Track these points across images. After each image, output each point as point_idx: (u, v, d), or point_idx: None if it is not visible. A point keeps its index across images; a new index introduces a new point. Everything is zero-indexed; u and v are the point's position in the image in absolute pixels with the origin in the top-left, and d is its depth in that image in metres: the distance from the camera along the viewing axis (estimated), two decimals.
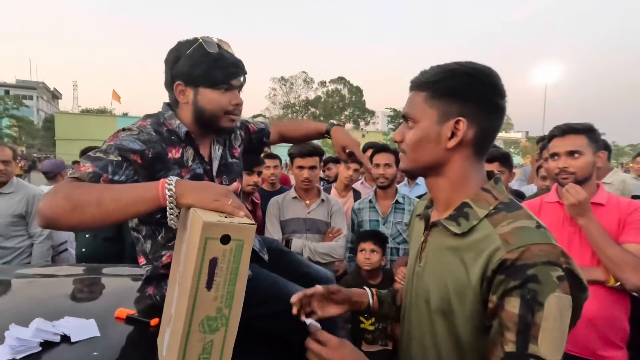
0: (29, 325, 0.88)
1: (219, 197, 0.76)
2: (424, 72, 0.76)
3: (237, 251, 0.67)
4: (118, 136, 0.98)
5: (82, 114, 40.57)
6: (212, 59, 1.04)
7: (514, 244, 0.65)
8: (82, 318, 0.97)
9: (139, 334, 0.97)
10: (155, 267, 1.09)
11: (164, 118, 1.10)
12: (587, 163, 1.40)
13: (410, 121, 0.77)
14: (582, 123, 1.44)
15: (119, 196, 0.78)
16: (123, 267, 1.57)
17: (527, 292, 0.63)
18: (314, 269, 1.41)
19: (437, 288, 0.75)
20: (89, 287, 1.36)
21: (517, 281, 0.63)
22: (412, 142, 0.76)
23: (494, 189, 0.75)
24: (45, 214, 0.77)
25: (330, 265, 2.14)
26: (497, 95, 0.73)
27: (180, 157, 1.07)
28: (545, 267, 0.63)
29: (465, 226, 0.72)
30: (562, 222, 1.47)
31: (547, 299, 0.62)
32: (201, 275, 0.65)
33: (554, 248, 0.65)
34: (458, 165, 0.75)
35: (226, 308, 0.69)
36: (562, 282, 0.63)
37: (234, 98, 1.08)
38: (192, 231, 0.71)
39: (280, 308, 1.09)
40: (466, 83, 0.72)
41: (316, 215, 2.18)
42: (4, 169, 2.30)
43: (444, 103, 0.73)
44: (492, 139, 0.76)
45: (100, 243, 2.38)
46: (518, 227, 0.68)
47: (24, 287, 1.31)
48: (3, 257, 2.31)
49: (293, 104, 56.98)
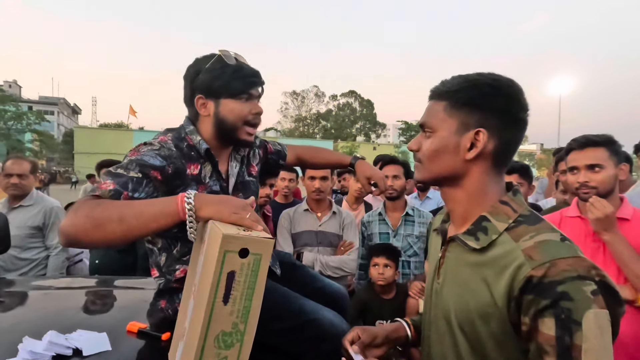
0: (42, 337, 0.88)
1: (237, 210, 0.76)
2: (444, 82, 0.75)
3: (255, 265, 0.66)
4: (139, 151, 0.99)
5: (100, 129, 41.85)
6: (232, 70, 1.07)
7: (539, 260, 0.62)
8: (94, 331, 0.97)
9: (150, 348, 0.96)
10: (168, 280, 1.08)
11: (185, 133, 1.11)
12: (608, 177, 1.34)
13: (427, 130, 0.75)
14: (601, 135, 1.38)
15: (140, 212, 0.79)
16: (136, 280, 1.57)
17: (560, 312, 0.59)
18: (327, 284, 1.39)
19: (459, 307, 0.72)
20: (102, 300, 1.37)
21: (548, 300, 0.60)
22: (430, 151, 0.74)
23: (513, 201, 0.72)
24: (67, 232, 0.78)
25: (343, 280, 2.10)
26: (520, 108, 0.71)
27: (198, 174, 1.08)
28: (575, 282, 0.60)
29: (485, 241, 0.69)
30: (585, 237, 1.42)
31: (584, 317, 0.58)
32: (218, 288, 0.65)
33: (582, 261, 0.62)
34: (476, 177, 0.73)
35: (242, 323, 0.68)
36: (596, 296, 0.59)
37: (254, 107, 1.11)
38: (210, 244, 0.70)
39: (292, 324, 1.07)
40: (488, 94, 0.70)
41: (328, 228, 2.16)
42: (19, 183, 2.32)
43: (465, 113, 0.71)
44: (513, 152, 0.74)
45: (113, 255, 2.39)
46: (541, 240, 0.64)
47: (38, 299, 1.32)
48: (20, 269, 2.33)
49: (304, 118, 57.56)
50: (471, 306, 0.69)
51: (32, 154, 31.32)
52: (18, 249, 2.29)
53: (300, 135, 51.81)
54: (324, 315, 1.13)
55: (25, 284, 1.50)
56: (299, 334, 1.05)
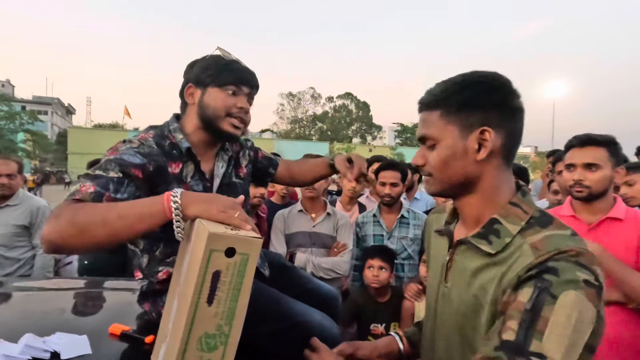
0: (18, 340, 0.85)
1: (225, 208, 0.73)
2: (431, 91, 0.73)
3: (242, 265, 0.64)
4: (118, 149, 0.96)
5: (94, 129, 41.55)
6: (225, 62, 1.07)
7: (543, 249, 0.60)
8: (74, 334, 0.93)
9: (133, 351, 0.93)
10: (151, 282, 1.05)
11: (168, 130, 1.08)
12: (604, 177, 1.33)
13: (429, 142, 0.72)
14: (604, 135, 1.36)
15: (125, 213, 0.75)
16: (121, 281, 1.53)
17: (541, 282, 0.57)
18: (318, 285, 1.36)
19: (470, 310, 0.69)
20: (86, 302, 1.33)
21: (534, 271, 0.58)
22: (439, 162, 0.71)
23: (523, 203, 0.70)
24: (50, 239, 0.74)
25: (336, 282, 2.08)
26: (515, 97, 0.70)
27: (179, 173, 1.04)
28: (570, 264, 0.57)
29: (498, 244, 0.67)
30: None
31: (563, 293, 0.55)
32: (203, 288, 0.62)
33: (588, 255, 0.59)
34: (491, 176, 0.71)
35: (226, 325, 0.65)
36: (589, 287, 0.56)
37: (240, 102, 1.08)
38: (196, 242, 0.68)
39: (280, 326, 1.05)
40: (481, 91, 0.69)
41: (322, 229, 2.14)
42: (8, 183, 2.33)
43: (463, 116, 0.69)
44: (519, 142, 0.73)
45: (102, 256, 2.36)
46: (550, 234, 0.63)
47: (19, 300, 1.28)
48: (6, 268, 2.31)
49: (301, 119, 57.63)
50: (482, 310, 0.67)
51: (25, 154, 31.02)
52: (4, 247, 2.31)
53: (296, 137, 51.80)
54: (313, 318, 1.10)
55: (8, 285, 1.46)
56: (288, 337, 1.02)
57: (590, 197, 1.36)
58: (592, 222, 1.39)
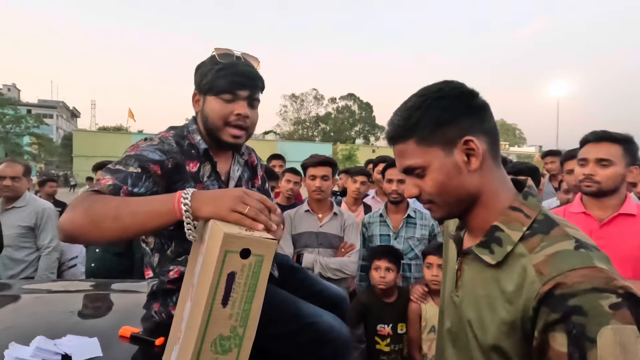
0: (30, 343, 0.85)
1: (235, 206, 0.72)
2: (394, 122, 0.72)
3: (257, 267, 0.63)
4: (139, 146, 0.98)
5: (99, 132, 41.82)
6: (220, 68, 1.03)
7: (548, 274, 0.58)
8: (85, 336, 0.93)
9: (143, 354, 0.92)
10: (161, 281, 1.05)
11: (187, 131, 1.10)
12: (615, 174, 1.31)
13: (417, 171, 0.71)
14: (621, 133, 1.35)
15: (136, 210, 0.76)
16: (130, 283, 1.53)
17: (572, 327, 0.54)
18: (326, 287, 1.35)
19: (478, 323, 0.68)
20: (94, 304, 1.33)
21: (559, 314, 0.55)
22: (436, 187, 0.69)
23: (525, 206, 0.68)
24: (65, 229, 0.76)
25: (343, 282, 2.07)
26: (476, 97, 0.70)
27: (196, 172, 1.06)
28: (590, 295, 0.54)
29: (500, 254, 0.65)
30: (589, 234, 1.38)
31: (599, 334, 0.53)
32: (217, 290, 0.61)
33: (599, 272, 0.56)
34: (488, 181, 0.70)
35: (241, 327, 0.64)
36: (618, 310, 0.53)
37: (239, 108, 1.03)
38: (210, 243, 0.67)
39: (290, 328, 1.04)
40: (446, 105, 0.68)
41: (328, 229, 2.13)
42: (11, 185, 2.37)
43: (440, 135, 0.68)
44: (499, 138, 0.73)
45: (110, 258, 2.37)
46: (552, 253, 0.60)
47: (28, 303, 1.28)
48: (13, 269, 2.36)
49: (304, 120, 57.71)
50: (490, 324, 0.65)
51: (30, 158, 31.28)
52: (10, 248, 2.34)
53: (299, 138, 51.87)
54: (323, 319, 1.09)
55: (15, 288, 1.46)
56: (297, 338, 1.01)
57: (599, 192, 1.35)
58: (603, 218, 1.37)
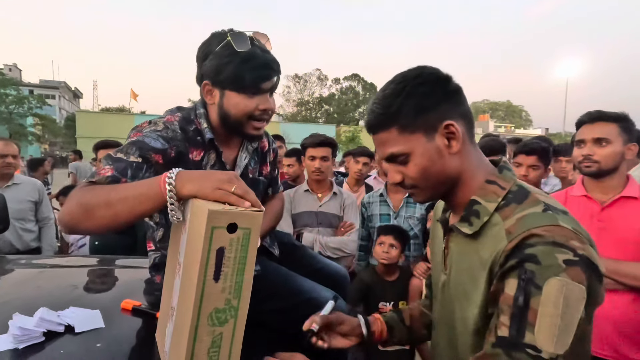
0: (33, 315, 0.86)
1: (221, 184, 0.69)
2: (373, 111, 0.72)
3: (245, 240, 0.63)
4: (142, 131, 0.95)
5: (102, 113, 41.69)
6: (241, 60, 0.95)
7: (515, 233, 0.61)
8: (87, 309, 0.95)
9: (145, 326, 0.95)
10: (163, 255, 1.06)
11: (194, 115, 1.05)
12: (614, 153, 1.30)
13: (401, 158, 0.72)
14: (615, 112, 1.34)
15: (125, 196, 0.74)
16: (132, 259, 1.55)
17: (523, 273, 0.58)
18: (327, 264, 1.37)
19: (466, 297, 0.70)
20: (97, 279, 1.36)
21: (515, 260, 0.59)
22: (420, 172, 0.71)
23: (500, 179, 0.71)
24: (64, 220, 0.77)
25: (343, 261, 2.09)
26: (451, 81, 0.72)
27: (199, 161, 1.03)
28: (548, 247, 0.58)
29: (477, 224, 0.68)
30: (590, 217, 1.38)
31: (547, 282, 0.56)
32: (208, 266, 0.61)
33: (561, 229, 0.59)
34: (466, 161, 0.72)
35: (235, 299, 0.65)
36: (571, 266, 0.56)
37: (263, 102, 0.99)
38: (194, 221, 0.67)
39: (289, 303, 1.06)
40: (425, 92, 0.69)
41: (328, 208, 2.13)
42: (14, 163, 2.59)
43: (422, 121, 0.69)
44: (473, 119, 0.75)
45: (112, 236, 2.40)
46: (522, 216, 0.63)
47: (31, 277, 1.31)
48: (24, 239, 2.61)
49: (307, 102, 57.12)
50: (474, 295, 0.67)
51: (34, 139, 31.37)
52: (22, 221, 2.59)
53: (302, 120, 51.48)
54: (322, 295, 1.11)
55: (19, 262, 1.49)
56: (297, 313, 1.03)
57: (599, 172, 1.34)
58: (604, 201, 1.36)
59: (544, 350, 0.55)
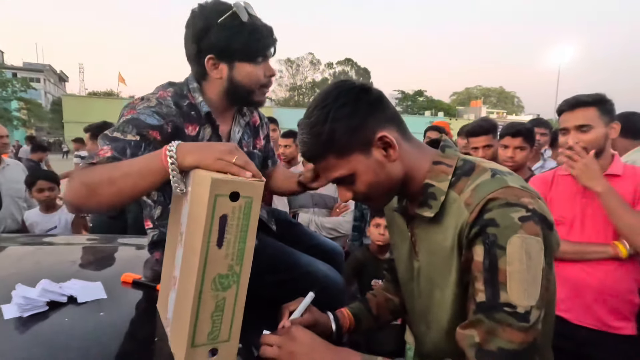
0: (35, 286, 0.88)
1: (222, 155, 0.70)
2: (305, 143, 0.73)
3: (247, 208, 0.65)
4: (135, 108, 0.94)
5: (89, 97, 40.68)
6: (249, 30, 0.98)
7: (473, 203, 0.64)
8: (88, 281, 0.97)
9: (146, 297, 0.97)
10: (161, 232, 1.08)
11: (187, 89, 1.04)
12: (597, 136, 1.34)
13: (346, 179, 0.74)
14: (592, 94, 1.37)
15: (128, 171, 0.75)
16: (128, 237, 1.57)
17: (487, 237, 0.62)
18: (323, 241, 1.40)
19: (442, 278, 0.73)
20: (95, 255, 1.37)
21: (477, 228, 0.63)
22: (368, 187, 0.73)
23: (444, 157, 0.75)
24: (69, 200, 0.78)
25: (337, 241, 2.13)
26: (370, 91, 0.72)
27: (195, 136, 1.03)
28: (503, 208, 0.61)
29: (436, 205, 0.71)
30: (575, 194, 1.44)
31: (508, 242, 0.60)
32: (212, 233, 0.63)
33: (511, 190, 0.63)
34: (408, 160, 0.75)
35: (237, 265, 0.67)
36: (525, 222, 0.60)
37: (268, 69, 1.05)
38: (197, 190, 0.68)
39: (288, 276, 1.09)
40: (350, 112, 0.69)
41: (324, 190, 2.15)
42: (7, 143, 2.82)
43: (355, 142, 0.70)
44: (400, 117, 0.76)
45: (104, 221, 2.45)
46: (475, 186, 0.67)
47: (31, 253, 1.31)
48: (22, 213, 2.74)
49: (299, 86, 56.46)
50: (452, 273, 0.70)
51: (20, 123, 30.56)
52: (20, 199, 2.82)
53: (295, 105, 50.94)
54: (318, 268, 1.14)
55: (17, 240, 1.49)
56: (295, 285, 1.06)
57: None
58: None
59: (519, 305, 0.59)
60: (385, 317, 1.03)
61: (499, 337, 0.60)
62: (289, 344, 0.73)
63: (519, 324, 0.59)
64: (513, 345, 0.60)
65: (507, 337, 0.60)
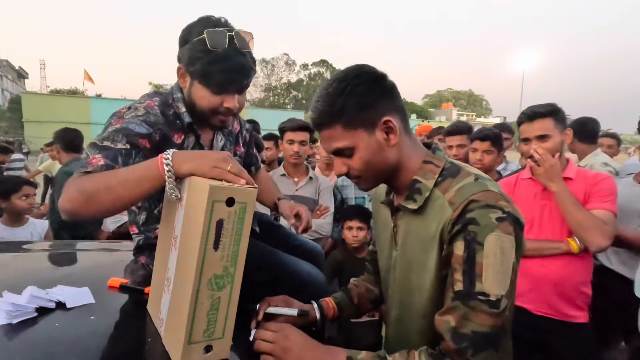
0: (22, 292, 0.88)
1: (218, 163, 0.75)
2: (318, 108, 0.78)
3: (241, 213, 0.70)
4: (123, 117, 0.96)
5: (51, 95, 38.52)
6: (212, 59, 0.95)
7: (457, 202, 0.72)
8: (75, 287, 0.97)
9: (134, 300, 0.98)
10: (147, 237, 1.10)
11: (172, 99, 1.07)
12: (555, 144, 1.49)
13: (346, 152, 0.80)
14: (545, 105, 1.51)
15: (124, 179, 0.78)
16: (112, 243, 1.55)
17: (468, 234, 0.69)
18: (304, 242, 1.45)
19: (420, 267, 0.79)
20: (79, 260, 1.35)
21: (460, 225, 0.70)
22: (364, 164, 0.79)
23: (434, 158, 0.82)
24: (65, 208, 0.79)
25: (318, 242, 2.18)
26: (386, 79, 0.79)
27: (181, 143, 1.07)
28: (482, 209, 0.69)
29: (420, 200, 0.78)
30: (534, 196, 1.58)
31: (486, 239, 0.68)
32: (209, 236, 0.68)
33: (490, 193, 0.71)
34: (404, 150, 0.81)
35: (231, 266, 0.72)
36: (501, 222, 0.68)
37: (228, 101, 1.01)
38: (193, 196, 0.72)
39: (272, 275, 1.13)
40: (366, 90, 0.76)
41: (304, 192, 2.21)
42: None
43: (364, 118, 0.76)
44: (406, 111, 0.83)
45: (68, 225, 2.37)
46: (459, 187, 0.74)
47: (9, 260, 1.28)
48: None
49: (275, 87, 56.02)
50: (429, 263, 0.77)
51: None
52: None
53: (270, 106, 50.56)
54: (302, 267, 1.20)
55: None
56: (280, 285, 1.11)
57: None
58: None
59: (491, 294, 0.67)
60: (365, 306, 1.11)
61: (473, 321, 0.67)
62: (282, 340, 0.79)
63: (490, 310, 0.67)
64: (484, 328, 0.67)
65: (479, 321, 0.67)
